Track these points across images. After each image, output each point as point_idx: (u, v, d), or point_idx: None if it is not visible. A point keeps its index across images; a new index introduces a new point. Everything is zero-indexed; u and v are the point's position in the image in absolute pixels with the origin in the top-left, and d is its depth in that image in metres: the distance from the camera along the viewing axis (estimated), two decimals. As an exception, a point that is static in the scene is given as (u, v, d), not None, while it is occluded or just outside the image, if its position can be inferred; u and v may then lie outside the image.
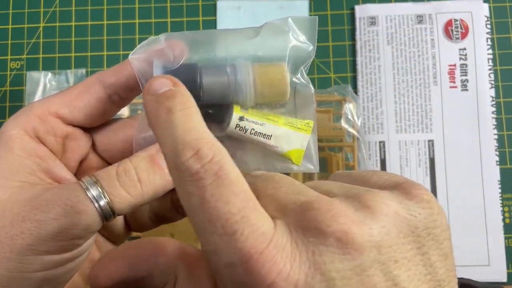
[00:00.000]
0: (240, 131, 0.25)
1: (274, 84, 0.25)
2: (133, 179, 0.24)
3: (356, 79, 0.50)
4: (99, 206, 0.23)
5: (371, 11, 0.50)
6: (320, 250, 0.16)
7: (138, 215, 0.30)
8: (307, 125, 0.26)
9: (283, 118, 0.26)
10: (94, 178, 0.23)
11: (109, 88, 0.26)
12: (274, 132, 0.26)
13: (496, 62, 0.50)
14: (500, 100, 0.49)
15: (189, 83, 0.24)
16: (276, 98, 0.26)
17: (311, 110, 0.27)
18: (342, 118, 0.45)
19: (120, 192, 0.23)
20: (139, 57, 0.25)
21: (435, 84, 0.49)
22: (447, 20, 0.50)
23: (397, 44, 0.50)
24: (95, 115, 0.26)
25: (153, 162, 0.24)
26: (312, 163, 0.27)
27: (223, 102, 0.25)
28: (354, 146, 0.45)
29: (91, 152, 0.27)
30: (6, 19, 0.52)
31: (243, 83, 0.25)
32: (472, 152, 0.48)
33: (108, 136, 0.27)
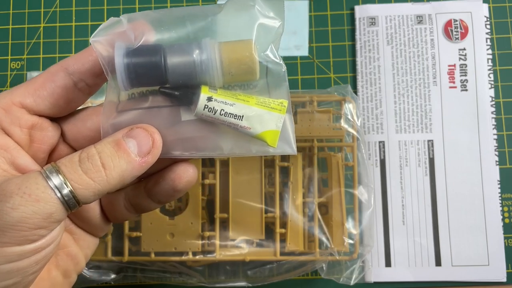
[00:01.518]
0: (209, 112, 0.24)
1: (242, 62, 0.24)
2: (96, 165, 0.23)
3: (356, 79, 0.50)
4: (60, 194, 0.22)
5: (371, 12, 0.51)
6: None
7: (114, 205, 0.29)
8: (280, 105, 0.25)
9: (255, 98, 0.25)
10: (56, 165, 0.23)
11: (74, 75, 0.25)
12: (245, 112, 0.24)
13: (496, 62, 0.50)
14: (499, 100, 0.49)
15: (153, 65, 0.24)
16: (246, 77, 0.25)
17: (284, 89, 0.26)
18: (342, 118, 0.45)
19: (82, 178, 0.23)
20: (101, 39, 0.24)
21: (435, 84, 0.49)
22: (447, 21, 0.50)
23: (397, 44, 0.50)
24: (61, 103, 0.26)
25: (118, 147, 0.24)
26: (289, 144, 0.26)
27: (190, 83, 0.24)
28: (353, 146, 0.45)
29: (61, 142, 0.27)
30: (7, 19, 0.52)
31: (209, 62, 0.24)
32: (471, 152, 0.48)
33: (77, 125, 0.27)
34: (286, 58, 0.51)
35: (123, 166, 0.23)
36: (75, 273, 0.29)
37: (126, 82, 0.24)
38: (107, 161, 0.23)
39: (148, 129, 0.24)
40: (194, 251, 0.43)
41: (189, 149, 0.26)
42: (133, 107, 0.25)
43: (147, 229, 0.44)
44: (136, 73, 0.24)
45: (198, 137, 0.25)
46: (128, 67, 0.23)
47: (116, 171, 0.23)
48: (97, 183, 0.23)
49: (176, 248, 0.43)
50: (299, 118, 0.45)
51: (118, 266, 0.45)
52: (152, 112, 0.25)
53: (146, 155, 0.24)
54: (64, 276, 0.29)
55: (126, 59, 0.23)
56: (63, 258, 0.28)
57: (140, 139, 0.24)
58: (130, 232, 0.44)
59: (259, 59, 0.24)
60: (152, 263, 0.44)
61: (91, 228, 0.29)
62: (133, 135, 0.24)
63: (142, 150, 0.24)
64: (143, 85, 0.25)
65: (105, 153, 0.23)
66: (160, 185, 0.28)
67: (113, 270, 0.45)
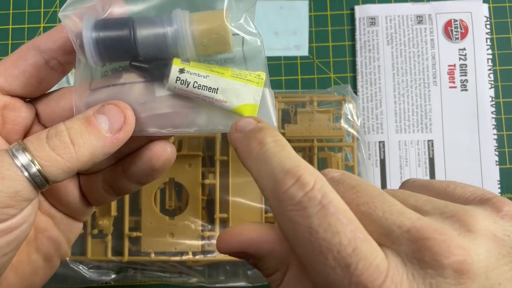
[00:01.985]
0: (182, 84, 0.23)
1: (214, 31, 0.23)
2: (64, 141, 0.22)
3: (356, 79, 0.50)
4: (27, 172, 0.21)
5: (371, 12, 0.51)
6: (438, 281, 0.16)
7: (93, 188, 0.29)
8: (258, 77, 0.24)
9: (230, 70, 0.24)
10: (22, 142, 0.22)
11: (46, 53, 0.25)
12: (220, 85, 0.24)
13: (496, 62, 0.50)
14: (499, 100, 0.49)
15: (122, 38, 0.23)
16: (219, 47, 0.24)
17: (261, 61, 0.25)
18: (342, 118, 0.45)
19: (50, 155, 0.22)
20: (70, 13, 0.23)
21: (435, 84, 0.49)
22: (447, 21, 0.50)
23: (397, 44, 0.50)
24: (34, 82, 0.25)
25: (88, 123, 0.23)
26: (269, 119, 0.25)
27: (161, 55, 0.24)
28: (354, 146, 0.45)
29: (36, 123, 0.26)
30: (7, 19, 0.52)
31: (179, 32, 0.23)
32: (471, 152, 0.48)
33: (51, 105, 0.26)
34: (286, 58, 0.51)
35: (93, 143, 0.23)
36: (57, 258, 0.29)
37: (96, 57, 0.23)
38: (76, 138, 0.22)
39: (119, 105, 0.24)
40: (194, 251, 0.43)
41: (165, 126, 0.25)
42: (106, 84, 0.24)
43: (147, 229, 0.44)
44: (105, 47, 0.23)
45: (174, 113, 0.24)
46: (97, 41, 0.23)
47: (86, 148, 0.23)
48: (66, 160, 0.22)
49: (176, 248, 0.43)
50: (299, 118, 0.45)
51: (118, 266, 0.45)
52: (126, 89, 0.24)
53: (118, 131, 0.23)
54: (45, 260, 0.28)
55: (94, 32, 0.23)
56: (43, 242, 0.28)
57: (111, 115, 0.23)
58: (130, 232, 0.44)
59: (234, 30, 0.24)
60: (152, 263, 0.44)
61: (72, 212, 0.29)
62: (104, 112, 0.23)
63: (113, 127, 0.23)
64: (113, 59, 0.24)
65: (74, 130, 0.23)
66: (137, 165, 0.27)
67: (113, 270, 0.45)
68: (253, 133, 0.21)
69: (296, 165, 0.18)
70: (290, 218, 0.18)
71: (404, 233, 0.17)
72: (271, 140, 0.20)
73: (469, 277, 0.16)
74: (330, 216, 0.17)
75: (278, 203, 0.18)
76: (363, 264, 0.16)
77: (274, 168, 0.18)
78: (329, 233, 0.17)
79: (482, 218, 0.18)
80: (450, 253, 0.16)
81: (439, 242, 0.16)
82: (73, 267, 0.44)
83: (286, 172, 0.18)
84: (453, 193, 0.20)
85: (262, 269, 0.21)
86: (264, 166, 0.19)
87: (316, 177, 0.18)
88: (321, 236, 0.17)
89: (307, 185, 0.17)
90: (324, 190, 0.17)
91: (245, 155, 0.21)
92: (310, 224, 0.17)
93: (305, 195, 0.17)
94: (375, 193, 0.19)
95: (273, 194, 0.18)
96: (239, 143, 0.21)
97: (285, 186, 0.18)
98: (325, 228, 0.17)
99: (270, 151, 0.19)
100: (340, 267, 0.16)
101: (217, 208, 0.44)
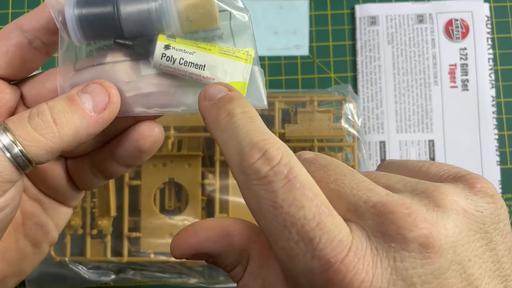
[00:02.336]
0: (168, 61, 0.23)
1: (199, 5, 0.23)
2: (46, 120, 0.22)
3: (356, 79, 0.50)
4: (9, 153, 0.21)
5: (371, 11, 0.50)
6: (402, 255, 0.16)
7: (80, 172, 0.28)
8: (246, 54, 0.24)
9: (218, 47, 0.23)
10: (3, 123, 0.22)
11: (29, 33, 0.24)
12: (207, 61, 0.23)
13: (497, 62, 0.50)
14: (500, 100, 0.49)
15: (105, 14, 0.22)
16: (206, 22, 0.23)
17: (249, 37, 0.24)
18: (342, 118, 0.45)
19: (32, 135, 0.21)
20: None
21: (436, 84, 0.49)
22: (448, 20, 0.50)
23: (397, 44, 0.50)
24: (17, 63, 0.24)
25: (71, 102, 0.22)
26: (259, 98, 0.24)
27: (146, 32, 0.23)
28: (354, 146, 0.45)
29: (21, 106, 0.26)
30: (6, 19, 0.52)
31: (164, 8, 0.22)
32: (472, 152, 0.48)
33: (36, 87, 0.26)
34: (286, 57, 0.50)
35: (76, 122, 0.22)
36: (46, 243, 0.29)
37: (79, 34, 0.22)
38: (58, 117, 0.22)
39: (104, 84, 0.23)
40: (193, 251, 0.43)
41: (151, 106, 0.24)
42: (90, 64, 0.24)
43: (146, 229, 0.43)
44: (88, 24, 0.22)
45: (160, 92, 0.24)
46: (80, 18, 0.22)
47: (69, 127, 0.22)
48: (49, 140, 0.22)
49: (176, 248, 0.43)
50: (299, 118, 0.44)
51: (118, 266, 0.45)
52: (111, 68, 0.24)
53: (103, 110, 0.23)
54: (34, 246, 0.28)
55: (77, 9, 0.22)
56: (31, 227, 0.28)
57: (95, 94, 0.23)
58: (130, 233, 0.43)
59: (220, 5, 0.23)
60: (151, 264, 0.44)
61: (60, 197, 0.29)
62: (88, 91, 0.23)
63: (97, 106, 0.23)
64: (97, 37, 0.23)
65: (57, 109, 0.22)
66: (124, 146, 0.26)
67: (112, 270, 0.45)
68: (222, 103, 0.20)
69: (263, 139, 0.18)
70: (255, 192, 0.17)
71: (369, 208, 0.17)
72: (240, 111, 0.19)
73: (434, 251, 0.16)
74: (296, 191, 0.17)
75: (244, 177, 0.18)
76: (326, 238, 0.16)
77: (241, 141, 0.18)
78: (293, 207, 0.16)
79: (452, 194, 0.17)
80: (415, 226, 0.16)
81: (404, 215, 0.16)
82: (72, 267, 0.44)
83: (253, 146, 0.18)
84: (427, 171, 0.20)
85: (222, 265, 0.20)
86: (231, 138, 0.19)
87: (283, 152, 0.17)
88: (286, 210, 0.17)
89: (274, 159, 0.17)
90: (290, 165, 0.17)
91: (213, 125, 0.20)
92: (275, 198, 0.17)
93: (271, 169, 0.17)
94: (345, 171, 0.19)
95: (239, 167, 0.18)
96: (207, 112, 0.21)
97: (251, 159, 0.17)
98: (290, 202, 0.17)
99: (238, 122, 0.19)
100: (304, 241, 0.16)
101: (217, 208, 0.43)
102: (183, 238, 0.20)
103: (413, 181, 0.18)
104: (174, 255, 0.20)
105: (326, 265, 0.16)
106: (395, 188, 0.18)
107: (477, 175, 0.18)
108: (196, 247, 0.20)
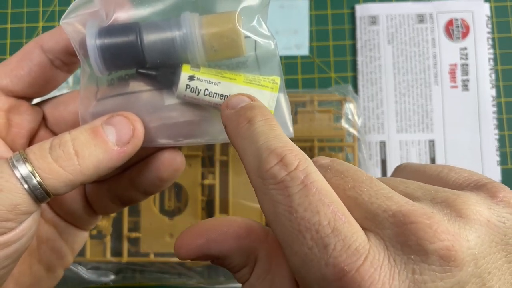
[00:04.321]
0: (192, 92, 0.22)
1: (225, 35, 0.22)
2: (68, 152, 0.21)
3: (356, 79, 0.50)
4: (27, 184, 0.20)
5: (371, 11, 0.50)
6: (421, 268, 0.15)
7: (98, 197, 0.27)
8: (272, 82, 0.23)
9: (243, 76, 0.23)
10: (23, 152, 0.21)
11: (50, 53, 0.24)
12: (232, 91, 0.22)
13: (497, 62, 0.49)
14: (501, 100, 0.49)
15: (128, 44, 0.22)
16: (231, 52, 0.22)
17: (276, 65, 0.24)
18: (343, 118, 0.45)
19: (52, 167, 0.21)
20: (72, 21, 0.22)
21: (436, 84, 0.49)
22: (448, 20, 0.50)
23: (397, 44, 0.50)
24: (40, 83, 0.24)
25: (95, 134, 0.22)
26: (285, 126, 0.24)
27: (170, 62, 0.22)
28: (354, 146, 0.45)
29: (43, 128, 0.25)
30: (5, 19, 0.51)
31: (188, 37, 0.22)
32: (473, 152, 0.48)
33: (59, 109, 0.25)
34: (287, 57, 0.50)
35: (99, 155, 0.21)
36: (60, 268, 0.28)
37: (101, 65, 0.22)
38: (81, 149, 0.21)
39: (129, 116, 0.23)
40: (193, 252, 0.43)
41: (175, 136, 0.24)
42: (113, 94, 0.23)
43: (146, 229, 0.43)
44: (110, 55, 0.22)
45: (184, 122, 0.23)
46: (102, 49, 0.22)
47: (91, 160, 0.21)
48: (69, 173, 0.21)
49: (176, 249, 0.43)
50: (299, 118, 0.44)
51: (117, 267, 0.44)
52: (134, 98, 0.23)
53: (126, 144, 0.22)
54: (48, 271, 0.27)
55: (99, 40, 0.21)
56: (46, 252, 0.27)
57: (120, 127, 0.22)
58: (129, 233, 0.43)
59: (245, 33, 0.22)
60: (151, 264, 0.44)
61: (77, 221, 0.28)
62: (113, 123, 0.22)
63: (121, 139, 0.22)
64: (120, 68, 0.23)
65: (79, 140, 0.21)
66: (144, 175, 0.26)
67: (112, 271, 0.45)
68: (243, 111, 0.20)
69: (281, 145, 0.18)
70: (271, 197, 0.17)
71: (389, 217, 0.16)
72: (261, 119, 0.19)
73: (455, 264, 0.15)
74: (311, 196, 0.16)
75: (261, 181, 0.17)
76: (341, 245, 0.16)
77: (259, 147, 0.18)
78: (309, 212, 0.16)
79: (475, 203, 0.17)
80: (436, 238, 0.15)
81: (424, 226, 0.16)
82: (72, 267, 0.44)
83: (271, 151, 0.17)
84: (446, 178, 0.19)
85: (229, 267, 0.20)
86: (250, 144, 0.19)
87: (300, 158, 0.17)
88: (301, 214, 0.16)
89: (291, 165, 0.17)
90: (307, 171, 0.17)
91: (233, 133, 0.20)
92: (291, 203, 0.16)
93: (288, 175, 0.17)
94: (363, 178, 0.18)
95: (256, 172, 0.18)
96: (229, 120, 0.20)
97: (268, 165, 0.17)
98: (305, 207, 0.16)
99: (258, 129, 0.19)
100: (318, 247, 0.16)
101: (217, 208, 0.43)
102: (188, 238, 0.20)
103: (432, 188, 0.18)
104: (179, 256, 0.20)
105: (340, 273, 0.15)
106: (415, 196, 0.18)
107: (499, 183, 0.18)
108: (202, 249, 0.20)
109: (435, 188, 0.18)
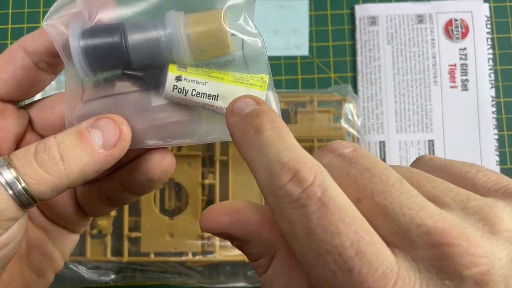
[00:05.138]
0: (180, 93, 0.22)
1: (211, 34, 0.21)
2: (53, 157, 0.21)
3: (356, 79, 0.50)
4: (12, 190, 0.20)
5: (371, 11, 0.50)
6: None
7: (89, 199, 0.27)
8: (260, 80, 0.23)
9: (231, 75, 0.22)
10: (8, 157, 0.21)
11: (33, 55, 0.23)
12: (220, 91, 0.22)
13: (497, 62, 0.50)
14: (500, 100, 0.49)
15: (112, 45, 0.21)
16: (218, 51, 0.22)
17: (263, 63, 0.23)
18: (342, 118, 0.45)
19: (37, 172, 0.20)
20: (55, 22, 0.22)
21: (435, 84, 0.49)
22: (447, 20, 0.50)
23: (397, 44, 0.50)
24: (25, 85, 0.24)
25: (81, 138, 0.21)
26: None
27: (156, 62, 0.22)
28: (354, 146, 0.45)
29: (30, 131, 0.25)
30: (6, 19, 0.52)
31: (174, 36, 0.21)
32: (472, 152, 0.48)
33: (45, 112, 0.25)
34: (286, 57, 0.51)
35: (85, 160, 0.21)
36: (51, 272, 0.28)
37: (86, 67, 0.21)
38: (66, 153, 0.21)
39: (116, 119, 0.22)
40: (193, 251, 0.43)
41: (164, 137, 0.23)
42: (98, 96, 0.23)
43: (146, 229, 0.43)
44: (95, 56, 0.21)
45: (172, 123, 0.23)
46: (85, 50, 0.21)
47: (77, 165, 0.21)
48: (54, 177, 0.20)
49: (176, 248, 0.43)
50: (299, 118, 0.44)
51: (118, 266, 0.45)
52: (120, 100, 0.23)
53: (112, 147, 0.22)
54: (39, 275, 0.27)
55: (82, 41, 0.21)
56: (36, 256, 0.27)
57: (106, 130, 0.22)
58: (130, 233, 0.43)
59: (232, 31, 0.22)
60: (151, 264, 0.44)
61: (68, 224, 0.28)
62: (99, 126, 0.22)
63: (107, 143, 0.22)
64: (105, 69, 0.22)
65: (65, 144, 0.21)
66: (134, 176, 0.25)
67: (112, 270, 0.45)
68: (250, 119, 0.19)
69: (294, 158, 0.16)
70: (287, 216, 0.16)
71: (423, 235, 0.15)
72: (269, 127, 0.18)
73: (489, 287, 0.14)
74: (331, 215, 0.15)
75: (275, 199, 0.16)
76: (367, 269, 0.15)
77: (270, 160, 0.17)
78: (329, 234, 0.15)
79: (507, 217, 0.16)
80: (474, 264, 0.14)
81: (463, 250, 0.14)
82: (72, 267, 0.44)
83: (282, 166, 0.16)
84: (474, 179, 0.18)
85: (247, 253, 0.19)
86: (260, 157, 0.17)
87: (316, 171, 0.16)
88: (320, 237, 0.15)
89: (306, 180, 0.16)
90: (324, 186, 0.16)
91: (240, 143, 0.19)
92: (309, 224, 0.15)
93: (303, 192, 0.16)
94: (393, 179, 0.16)
95: (269, 189, 0.17)
96: (235, 128, 0.19)
97: (282, 181, 0.16)
98: (325, 228, 0.15)
99: (267, 140, 0.17)
100: (342, 271, 0.15)
101: (217, 208, 0.43)
102: (214, 213, 0.19)
103: (463, 194, 0.17)
104: (203, 228, 0.20)
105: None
106: (444, 201, 0.17)
107: None
108: (226, 227, 0.19)
109: (466, 194, 0.17)
